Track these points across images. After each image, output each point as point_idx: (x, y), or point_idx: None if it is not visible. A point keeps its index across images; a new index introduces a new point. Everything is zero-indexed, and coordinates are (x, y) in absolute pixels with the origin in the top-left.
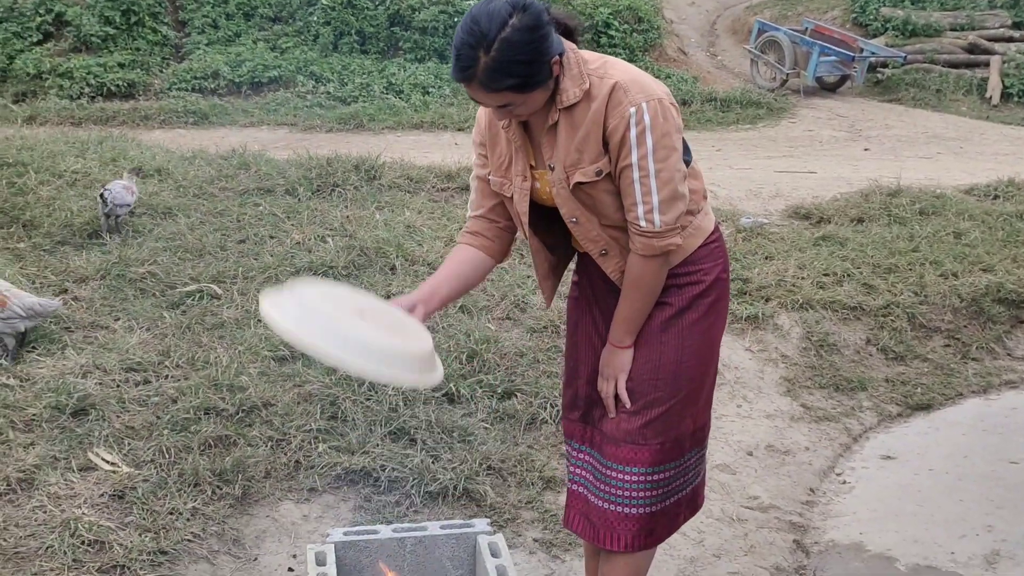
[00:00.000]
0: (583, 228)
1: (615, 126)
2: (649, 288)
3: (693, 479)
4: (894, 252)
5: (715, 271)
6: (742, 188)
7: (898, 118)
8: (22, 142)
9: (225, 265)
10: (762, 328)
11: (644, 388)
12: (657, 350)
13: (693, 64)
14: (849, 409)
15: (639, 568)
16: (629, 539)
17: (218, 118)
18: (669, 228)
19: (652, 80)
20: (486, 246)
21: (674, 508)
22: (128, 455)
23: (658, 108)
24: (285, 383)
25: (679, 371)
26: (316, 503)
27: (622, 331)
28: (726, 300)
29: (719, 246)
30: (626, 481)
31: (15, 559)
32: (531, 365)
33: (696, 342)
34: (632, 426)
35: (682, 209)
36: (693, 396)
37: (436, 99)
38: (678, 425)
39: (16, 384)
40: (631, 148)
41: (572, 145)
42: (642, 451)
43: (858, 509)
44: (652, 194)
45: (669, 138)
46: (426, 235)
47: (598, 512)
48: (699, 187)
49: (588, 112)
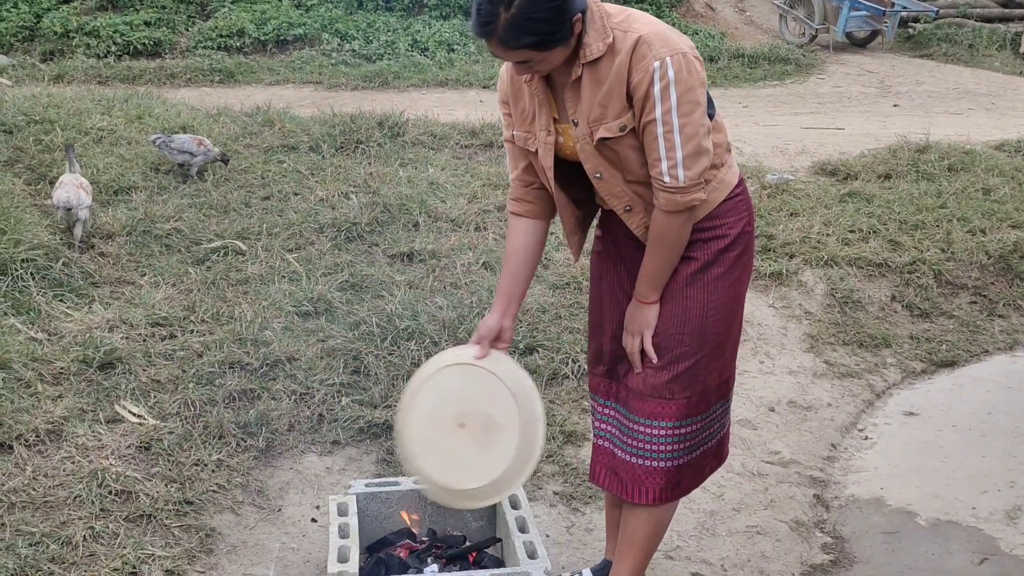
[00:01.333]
0: (607, 184)
1: (639, 81)
2: (673, 243)
3: (719, 431)
4: (921, 208)
5: (739, 225)
6: (768, 145)
7: (929, 74)
8: (49, 99)
9: (249, 222)
10: (786, 285)
11: (670, 343)
12: (682, 304)
13: (721, 20)
14: (873, 366)
15: (662, 520)
16: (656, 492)
17: (243, 76)
18: (693, 183)
19: (676, 33)
20: (532, 211)
21: (700, 460)
22: (154, 408)
23: (682, 62)
24: (309, 338)
25: (704, 325)
26: (339, 456)
27: (647, 287)
28: (751, 254)
29: (743, 199)
30: (653, 435)
31: (44, 508)
32: (553, 321)
33: (721, 296)
34: (659, 381)
35: (706, 164)
36: (719, 350)
37: (461, 56)
38: (704, 379)
39: (44, 338)
40: (655, 103)
41: (595, 100)
42: (669, 405)
43: (879, 465)
44: (676, 149)
45: (693, 92)
46: (449, 192)
47: (625, 466)
48: (723, 140)
49: (612, 67)
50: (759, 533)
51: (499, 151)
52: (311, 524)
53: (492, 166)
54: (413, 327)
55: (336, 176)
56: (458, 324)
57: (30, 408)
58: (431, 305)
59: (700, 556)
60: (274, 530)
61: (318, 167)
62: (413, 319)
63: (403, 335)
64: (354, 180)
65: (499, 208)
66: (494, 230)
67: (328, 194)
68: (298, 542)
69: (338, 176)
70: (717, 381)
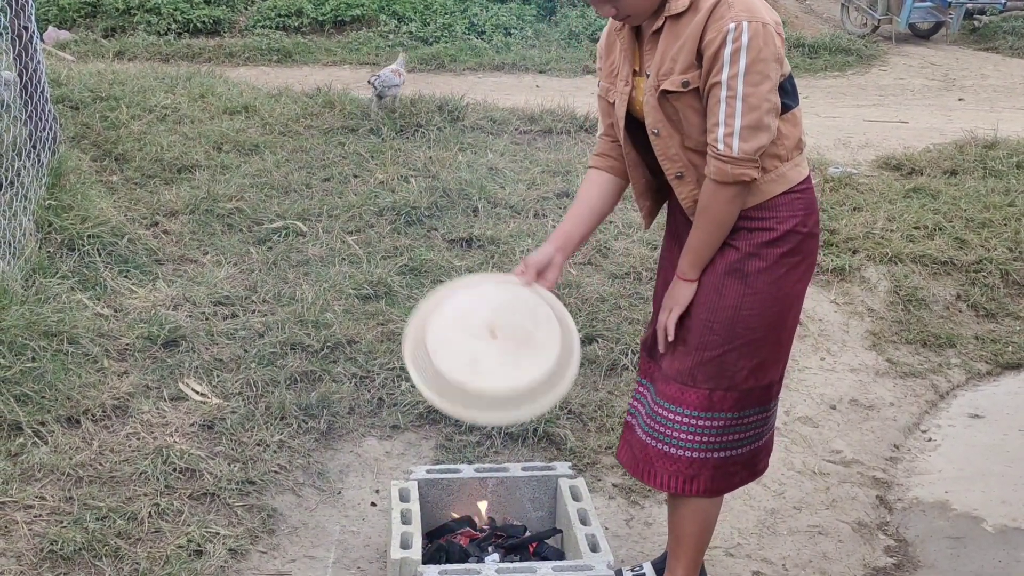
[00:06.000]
0: (664, 143)
1: (711, 39)
2: (718, 217)
3: (752, 440)
4: (988, 206)
5: (790, 222)
6: (830, 137)
7: (994, 67)
8: (113, 76)
9: (310, 203)
10: (848, 280)
11: (699, 328)
12: (717, 292)
13: (781, 8)
14: (936, 366)
15: (705, 518)
16: (665, 479)
17: (301, 56)
18: (747, 157)
19: (765, 6)
20: (613, 167)
21: (725, 464)
22: (217, 387)
23: (760, 30)
24: (369, 321)
25: (736, 318)
26: (398, 440)
27: (687, 262)
28: (804, 255)
29: (802, 199)
30: (671, 420)
31: (111, 483)
32: (612, 311)
33: (759, 292)
34: (683, 365)
35: (764, 142)
36: (752, 347)
37: (518, 40)
38: (732, 375)
39: (110, 314)
40: (723, 65)
41: (669, 54)
42: (689, 392)
43: (944, 467)
44: (736, 117)
45: (765, 64)
46: (508, 178)
47: (640, 445)
48: (795, 135)
49: (691, 23)
50: (821, 533)
51: (558, 138)
52: (370, 508)
53: (551, 152)
54: None
55: (396, 159)
56: None
57: (97, 383)
58: None
59: (761, 555)
60: (334, 513)
61: (378, 150)
62: None
63: None
64: (414, 164)
65: (558, 195)
66: (553, 218)
67: (388, 177)
68: (358, 525)
69: (398, 159)
70: (752, 383)
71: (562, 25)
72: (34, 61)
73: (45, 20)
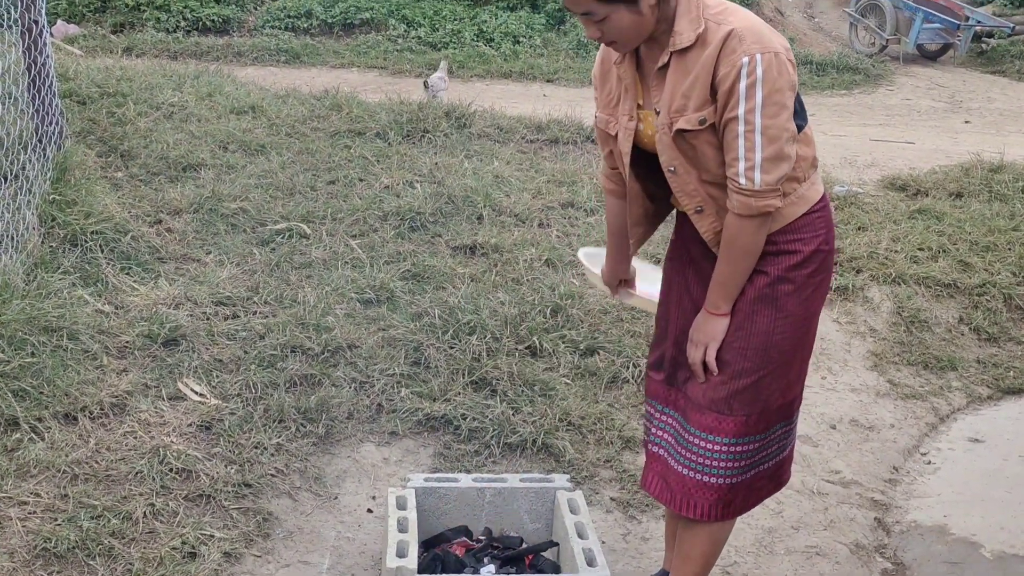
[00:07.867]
0: (681, 180)
1: (725, 74)
2: (745, 250)
3: (777, 452)
4: (993, 230)
5: (814, 242)
6: (836, 155)
7: (1001, 91)
8: (121, 72)
9: (314, 205)
10: (851, 300)
11: (733, 357)
12: (750, 319)
13: (790, 25)
14: (937, 388)
15: (718, 539)
16: (706, 508)
17: (309, 58)
18: (769, 188)
19: (772, 32)
20: (620, 192)
21: (755, 480)
22: (216, 387)
23: (773, 61)
24: (370, 326)
25: (770, 342)
26: (396, 447)
27: (717, 295)
28: (826, 273)
29: (821, 217)
30: (708, 449)
31: (106, 481)
32: (615, 323)
33: (790, 314)
34: (719, 395)
35: (785, 171)
36: (783, 369)
37: (526, 49)
38: (766, 398)
39: (111, 310)
40: (739, 99)
41: (680, 90)
42: (727, 421)
43: (943, 491)
44: (756, 150)
45: (781, 94)
46: (514, 186)
47: (677, 477)
48: (809, 155)
49: (700, 57)
50: (818, 554)
51: (564, 148)
52: (367, 514)
53: (557, 162)
54: (475, 321)
55: (401, 164)
56: (519, 321)
57: (95, 380)
58: (493, 300)
59: (757, 574)
60: (330, 518)
61: (384, 154)
62: (475, 313)
63: (465, 329)
64: (419, 169)
65: (563, 205)
66: (557, 227)
67: (393, 182)
68: (353, 532)
69: (403, 164)
70: (780, 402)
71: (571, 35)
72: (43, 55)
73: (55, 14)
